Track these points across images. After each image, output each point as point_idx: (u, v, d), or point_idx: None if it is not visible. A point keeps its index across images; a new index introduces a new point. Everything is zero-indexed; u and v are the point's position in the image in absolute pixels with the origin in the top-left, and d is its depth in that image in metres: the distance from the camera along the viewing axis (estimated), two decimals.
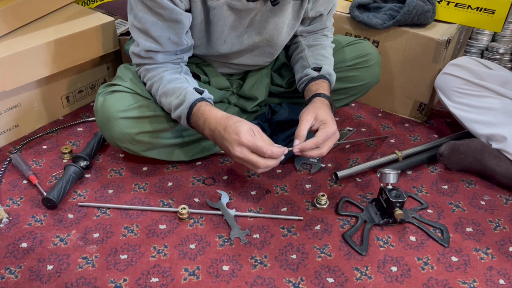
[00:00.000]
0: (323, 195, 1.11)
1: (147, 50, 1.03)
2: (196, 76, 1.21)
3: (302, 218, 1.08)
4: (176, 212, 1.08)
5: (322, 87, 1.11)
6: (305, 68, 1.16)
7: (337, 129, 1.03)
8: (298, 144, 1.00)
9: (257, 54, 1.17)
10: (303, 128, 1.01)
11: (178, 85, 1.03)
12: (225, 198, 1.12)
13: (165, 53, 1.04)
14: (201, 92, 1.04)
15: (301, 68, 1.18)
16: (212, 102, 1.04)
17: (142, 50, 1.03)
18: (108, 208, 1.09)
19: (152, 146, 1.12)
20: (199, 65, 1.20)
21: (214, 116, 0.98)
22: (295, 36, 1.23)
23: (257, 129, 0.96)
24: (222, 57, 1.15)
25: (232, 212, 1.08)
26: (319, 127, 1.02)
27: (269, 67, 1.28)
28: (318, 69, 1.15)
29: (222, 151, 1.26)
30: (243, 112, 1.28)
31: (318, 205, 1.12)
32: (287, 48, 1.29)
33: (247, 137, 0.93)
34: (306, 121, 1.02)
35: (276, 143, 1.25)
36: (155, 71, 1.06)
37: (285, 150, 0.96)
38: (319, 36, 1.23)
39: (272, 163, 0.96)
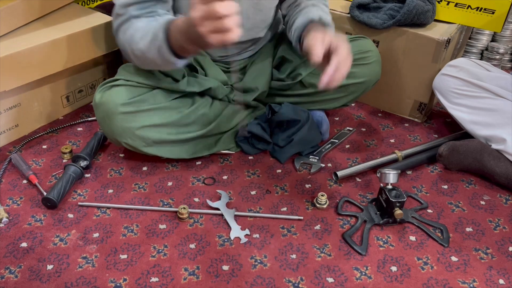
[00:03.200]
0: (323, 195, 1.11)
1: (123, 5, 1.01)
2: (193, 69, 1.21)
3: (302, 218, 1.08)
4: (176, 211, 1.08)
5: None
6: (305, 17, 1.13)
7: (344, 42, 0.99)
8: (324, 76, 0.95)
9: (249, 26, 1.16)
10: (317, 51, 0.96)
11: (151, 24, 0.98)
12: (225, 198, 1.12)
13: (138, 4, 1.01)
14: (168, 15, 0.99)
15: (301, 17, 1.15)
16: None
17: (119, 6, 1.02)
18: (108, 208, 1.09)
19: (152, 142, 1.12)
20: (196, 58, 1.20)
21: (186, 18, 0.89)
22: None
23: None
24: None
25: (232, 212, 1.08)
26: (331, 49, 0.98)
27: (269, 56, 1.28)
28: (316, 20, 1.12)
29: (223, 151, 1.26)
30: (245, 109, 1.29)
31: (318, 205, 1.12)
32: (285, 36, 1.29)
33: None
34: (317, 44, 0.97)
35: (276, 143, 1.27)
36: (128, 22, 1.03)
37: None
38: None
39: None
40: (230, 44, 0.81)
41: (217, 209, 1.09)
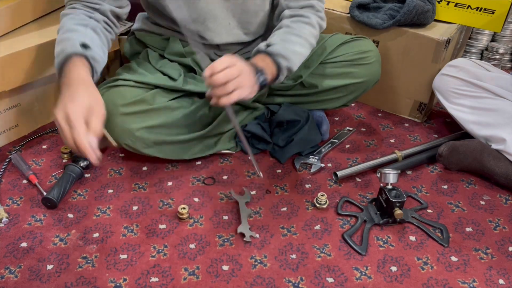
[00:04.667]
0: (323, 195, 1.11)
1: None
2: (191, 70, 1.21)
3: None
4: (176, 211, 1.08)
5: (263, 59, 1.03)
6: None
7: (234, 58, 0.94)
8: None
9: (234, 25, 1.16)
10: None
11: (69, 36, 0.97)
12: (246, 197, 1.12)
13: None
14: (86, 47, 0.96)
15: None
16: (92, 64, 0.95)
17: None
18: None
19: (152, 143, 1.12)
20: (194, 58, 1.20)
21: (78, 74, 0.91)
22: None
23: (96, 108, 0.87)
24: (202, 31, 1.14)
25: (248, 211, 1.09)
26: None
27: None
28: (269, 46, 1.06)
29: (223, 151, 1.26)
30: (243, 109, 1.29)
31: (318, 205, 1.12)
32: None
33: (75, 110, 0.85)
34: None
35: (276, 143, 1.27)
36: (65, 17, 1.02)
37: (92, 153, 0.85)
38: (303, 12, 1.13)
39: (81, 148, 0.85)
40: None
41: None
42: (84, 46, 0.95)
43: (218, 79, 0.92)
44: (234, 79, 0.93)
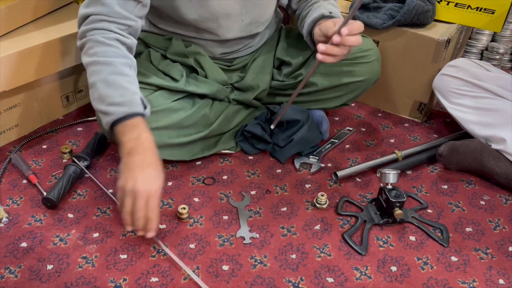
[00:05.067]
0: (322, 195, 1.11)
1: (93, 13, 0.96)
2: (193, 70, 1.21)
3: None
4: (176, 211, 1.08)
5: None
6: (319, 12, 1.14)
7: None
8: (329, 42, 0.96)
9: (248, 22, 1.17)
10: (333, 29, 0.97)
11: (127, 85, 0.94)
12: (246, 201, 1.13)
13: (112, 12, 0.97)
14: (145, 107, 0.96)
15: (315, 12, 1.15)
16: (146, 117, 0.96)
17: (92, 13, 0.97)
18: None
19: None
20: (196, 58, 1.20)
21: (148, 143, 0.92)
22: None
23: (154, 191, 0.90)
24: (214, 28, 1.14)
25: (248, 214, 1.09)
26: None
27: (270, 55, 1.29)
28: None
29: (223, 151, 1.26)
30: (244, 109, 1.29)
31: (318, 205, 1.12)
32: (285, 34, 1.31)
33: (152, 201, 0.89)
34: (331, 26, 0.99)
35: (276, 143, 1.27)
36: (108, 47, 0.95)
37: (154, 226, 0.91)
38: None
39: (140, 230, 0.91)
40: None
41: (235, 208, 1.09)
42: (143, 103, 0.95)
43: (349, 41, 0.95)
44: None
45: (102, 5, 0.96)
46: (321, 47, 0.96)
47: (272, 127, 1.22)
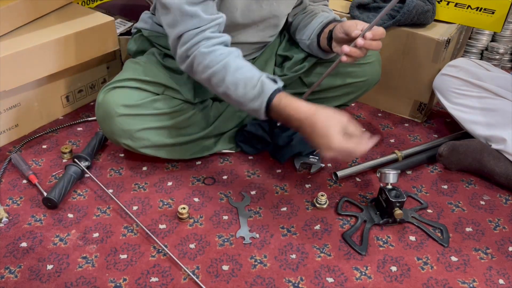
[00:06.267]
0: (322, 195, 1.11)
1: (188, 29, 0.97)
2: None
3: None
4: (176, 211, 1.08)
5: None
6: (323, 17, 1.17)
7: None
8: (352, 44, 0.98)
9: (262, 28, 1.17)
10: (356, 28, 1.00)
11: (249, 74, 0.97)
12: (246, 201, 1.13)
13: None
14: (275, 81, 0.99)
15: (319, 18, 1.19)
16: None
17: (183, 31, 0.98)
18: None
19: (152, 144, 1.12)
20: None
21: (298, 111, 0.94)
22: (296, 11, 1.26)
23: (345, 122, 0.91)
24: (230, 30, 1.14)
25: (247, 214, 1.09)
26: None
27: (271, 54, 1.29)
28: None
29: (223, 151, 1.26)
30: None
31: (318, 205, 1.12)
32: (283, 37, 1.31)
33: (337, 143, 0.89)
34: (353, 24, 1.01)
35: (276, 143, 1.27)
36: (213, 54, 0.98)
37: (371, 143, 0.92)
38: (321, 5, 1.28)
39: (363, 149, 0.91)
40: None
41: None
42: (273, 80, 0.99)
43: (372, 46, 0.98)
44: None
45: (191, 18, 0.97)
46: (345, 48, 0.98)
47: (278, 123, 1.22)
